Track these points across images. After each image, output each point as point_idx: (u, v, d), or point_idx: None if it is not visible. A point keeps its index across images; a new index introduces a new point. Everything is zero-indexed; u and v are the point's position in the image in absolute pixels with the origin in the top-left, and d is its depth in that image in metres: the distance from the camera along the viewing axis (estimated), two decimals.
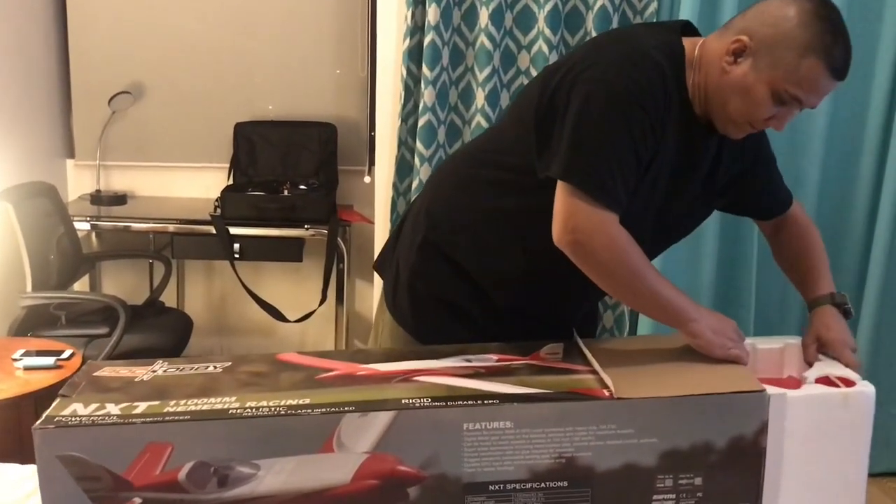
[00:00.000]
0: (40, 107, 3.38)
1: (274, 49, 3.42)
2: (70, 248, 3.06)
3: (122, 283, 3.61)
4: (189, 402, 1.24)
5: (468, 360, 1.38)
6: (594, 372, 1.34)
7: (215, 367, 1.39)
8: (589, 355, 1.39)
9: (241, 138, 3.40)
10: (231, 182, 3.41)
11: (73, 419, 1.21)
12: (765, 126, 1.42)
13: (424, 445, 1.21)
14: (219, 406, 1.23)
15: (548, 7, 2.61)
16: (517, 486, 1.24)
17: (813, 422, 1.29)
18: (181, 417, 1.20)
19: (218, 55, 3.43)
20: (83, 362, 2.48)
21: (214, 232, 3.15)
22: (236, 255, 3.18)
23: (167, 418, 1.20)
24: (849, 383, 1.36)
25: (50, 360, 2.38)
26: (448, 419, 1.21)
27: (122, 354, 2.67)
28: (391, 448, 1.21)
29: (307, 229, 3.17)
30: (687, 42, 1.44)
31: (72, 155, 3.54)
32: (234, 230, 3.16)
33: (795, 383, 1.42)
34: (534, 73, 2.67)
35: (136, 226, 3.25)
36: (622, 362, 1.35)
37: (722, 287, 2.72)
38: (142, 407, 1.24)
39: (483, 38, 2.65)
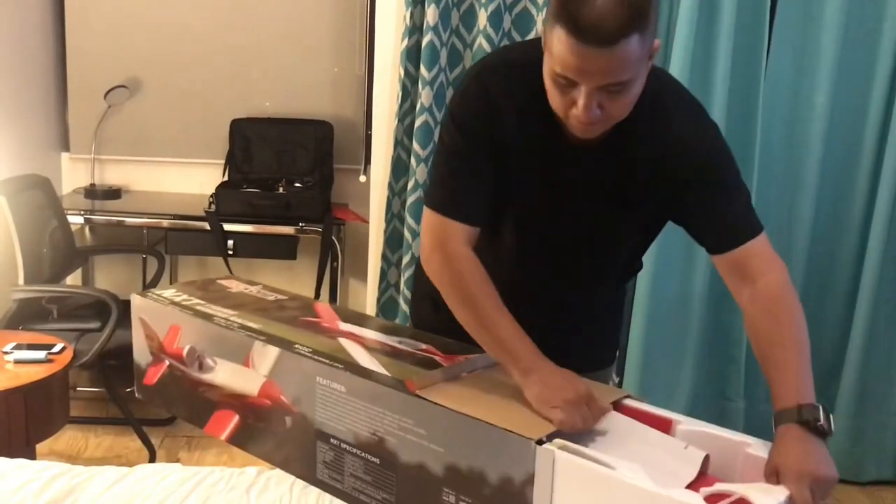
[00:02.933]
0: (36, 100, 3.37)
1: (271, 46, 3.42)
2: (63, 241, 3.05)
3: (115, 277, 3.60)
4: (213, 307, 1.64)
5: (399, 342, 1.51)
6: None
7: (275, 297, 1.76)
8: (467, 363, 1.41)
9: (237, 135, 3.40)
10: (226, 178, 3.40)
11: (154, 296, 1.71)
12: (575, 116, 1.25)
13: (295, 385, 1.44)
14: (213, 312, 1.61)
15: (546, 9, 2.60)
16: (347, 447, 1.39)
17: (583, 493, 1.15)
18: (188, 312, 1.61)
19: (215, 51, 3.42)
20: (74, 357, 2.47)
21: (208, 228, 3.14)
22: (230, 252, 3.17)
23: (185, 310, 1.62)
24: None
25: (41, 354, 2.38)
26: (308, 369, 1.40)
27: (113, 350, 2.67)
28: (278, 378, 1.46)
29: (301, 227, 3.16)
30: None
31: (67, 148, 3.53)
32: (228, 227, 3.15)
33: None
34: None
35: (129, 220, 3.24)
36: (484, 381, 1.37)
37: (715, 293, 2.73)
38: (192, 302, 1.68)
39: (481, 40, 2.65)
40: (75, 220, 3.17)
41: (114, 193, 3.44)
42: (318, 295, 3.27)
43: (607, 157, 1.38)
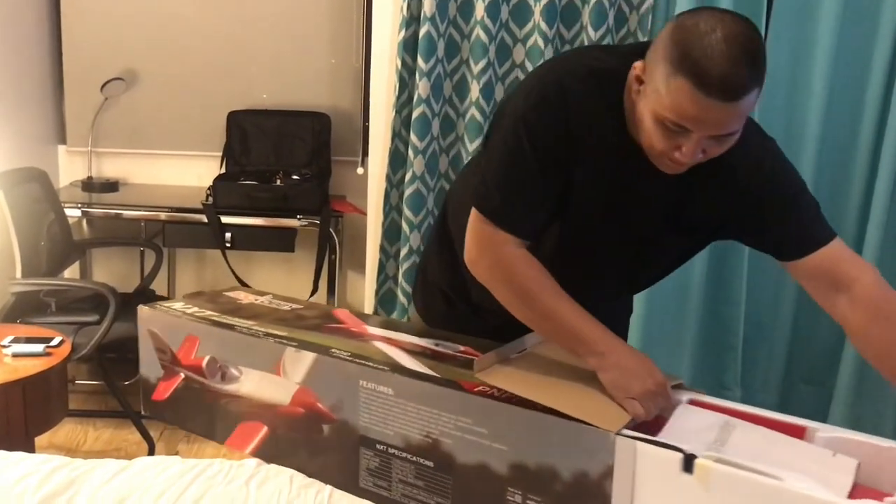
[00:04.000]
0: (32, 92, 3.36)
1: (268, 37, 3.40)
2: (60, 234, 3.05)
3: (113, 270, 3.60)
4: (231, 318, 1.60)
5: (436, 344, 1.48)
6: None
7: (290, 307, 1.73)
8: (515, 344, 1.41)
9: (235, 127, 3.39)
10: (223, 171, 3.40)
11: (164, 308, 1.67)
12: (676, 160, 1.25)
13: (334, 390, 1.40)
14: (234, 322, 1.57)
15: (544, 0, 2.60)
16: (396, 451, 1.35)
17: (664, 485, 1.12)
18: (206, 322, 1.58)
19: (212, 43, 3.41)
20: (72, 350, 2.47)
21: (206, 221, 3.14)
22: (228, 245, 3.17)
23: (201, 321, 1.58)
24: None
25: (39, 348, 2.37)
26: (349, 372, 1.37)
27: (111, 343, 2.66)
28: (314, 385, 1.42)
29: (299, 219, 3.16)
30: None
31: (63, 141, 3.52)
32: (225, 219, 3.14)
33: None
34: (529, 66, 2.66)
35: (127, 213, 3.24)
36: (537, 360, 1.36)
37: (713, 283, 2.73)
38: (206, 313, 1.63)
39: (479, 31, 2.65)
40: (73, 213, 3.17)
41: (111, 186, 3.43)
42: (315, 287, 3.27)
43: (685, 180, 1.35)
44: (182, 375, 1.61)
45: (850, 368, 2.69)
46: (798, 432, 1.26)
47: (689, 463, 1.11)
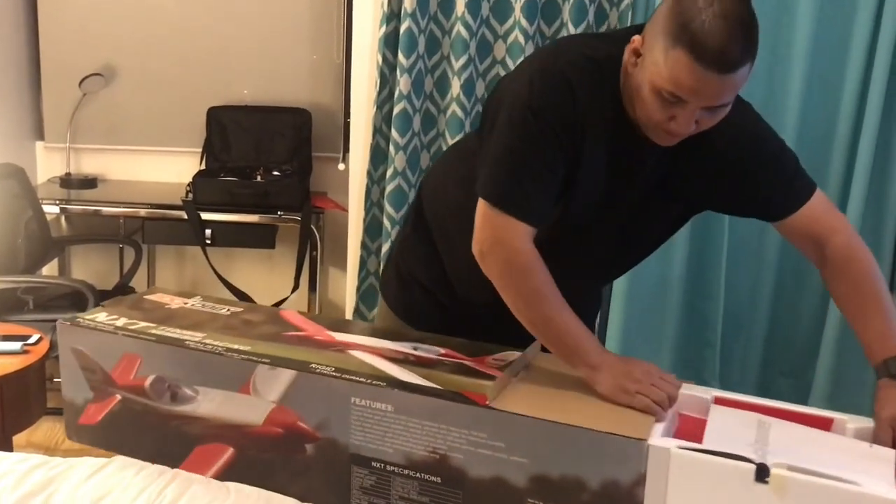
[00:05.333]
0: (9, 87, 3.32)
1: (249, 33, 3.39)
2: (38, 231, 3.02)
3: (92, 267, 3.57)
4: (172, 330, 1.47)
5: (414, 348, 1.43)
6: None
7: (228, 310, 1.59)
8: (511, 365, 1.38)
9: (215, 123, 3.37)
10: (203, 167, 3.38)
11: (88, 322, 1.50)
12: (672, 130, 1.30)
13: (319, 409, 1.33)
14: (183, 336, 1.45)
15: None
16: (395, 469, 1.30)
17: (704, 490, 1.13)
18: (149, 338, 1.44)
19: (192, 38, 3.39)
20: (50, 347, 2.45)
21: (186, 217, 3.12)
22: (208, 241, 3.15)
23: (141, 336, 1.45)
24: None
25: (16, 345, 2.35)
26: (339, 390, 1.31)
27: None
28: (294, 404, 1.34)
29: (280, 216, 3.15)
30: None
31: (41, 137, 3.49)
32: (205, 216, 3.13)
33: None
34: (509, 62, 2.67)
35: (106, 210, 3.22)
36: (540, 379, 1.35)
37: (693, 278, 2.75)
38: (140, 325, 1.50)
39: (459, 27, 2.65)
40: (51, 209, 3.14)
41: (90, 183, 3.40)
42: (297, 284, 3.26)
43: (671, 154, 1.40)
44: (118, 397, 1.47)
45: (827, 361, 2.71)
46: (825, 424, 1.28)
47: (762, 473, 1.10)
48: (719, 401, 1.34)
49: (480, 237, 1.39)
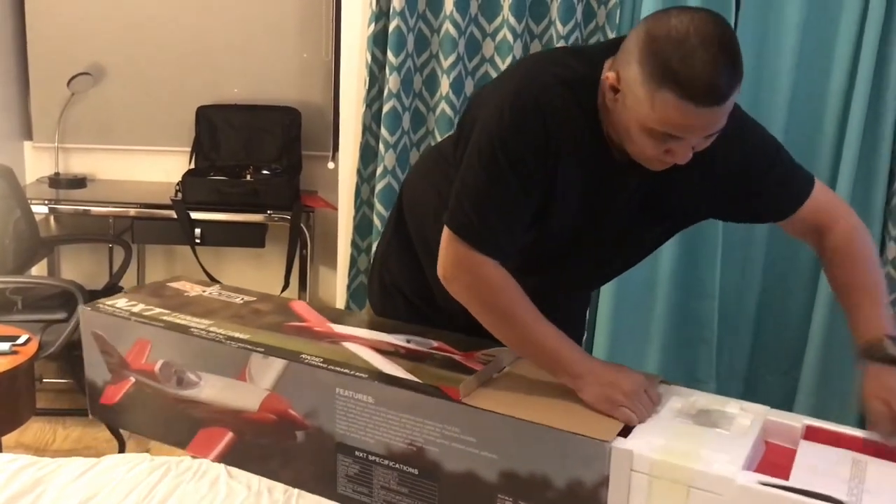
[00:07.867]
0: None
1: (238, 31, 3.38)
2: (27, 231, 3.01)
3: (81, 267, 3.56)
4: (182, 317, 1.54)
5: (408, 341, 1.45)
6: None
7: (242, 300, 1.66)
8: (493, 361, 1.39)
9: (204, 122, 3.36)
10: (193, 166, 3.37)
11: (108, 307, 1.59)
12: (669, 161, 1.27)
13: (307, 398, 1.37)
14: (190, 324, 1.51)
15: None
16: (377, 458, 1.33)
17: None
18: (159, 324, 1.51)
19: (180, 36, 3.38)
20: (40, 348, 2.45)
21: (175, 216, 3.12)
22: (197, 241, 3.15)
23: (152, 322, 1.52)
24: None
25: (5, 346, 2.35)
26: (325, 380, 1.34)
27: (80, 340, 2.63)
28: (285, 392, 1.39)
29: (270, 215, 3.15)
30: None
31: (30, 137, 3.48)
32: (195, 215, 3.12)
33: None
34: (498, 61, 2.67)
35: (95, 209, 3.21)
36: (523, 376, 1.36)
37: (683, 276, 2.75)
38: (154, 311, 1.57)
39: (448, 25, 2.65)
40: (39, 209, 3.13)
41: (79, 182, 3.39)
42: (287, 283, 3.26)
43: (654, 173, 1.35)
44: (132, 379, 1.55)
45: (814, 359, 2.72)
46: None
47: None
48: (811, 430, 1.29)
49: (444, 262, 1.37)
